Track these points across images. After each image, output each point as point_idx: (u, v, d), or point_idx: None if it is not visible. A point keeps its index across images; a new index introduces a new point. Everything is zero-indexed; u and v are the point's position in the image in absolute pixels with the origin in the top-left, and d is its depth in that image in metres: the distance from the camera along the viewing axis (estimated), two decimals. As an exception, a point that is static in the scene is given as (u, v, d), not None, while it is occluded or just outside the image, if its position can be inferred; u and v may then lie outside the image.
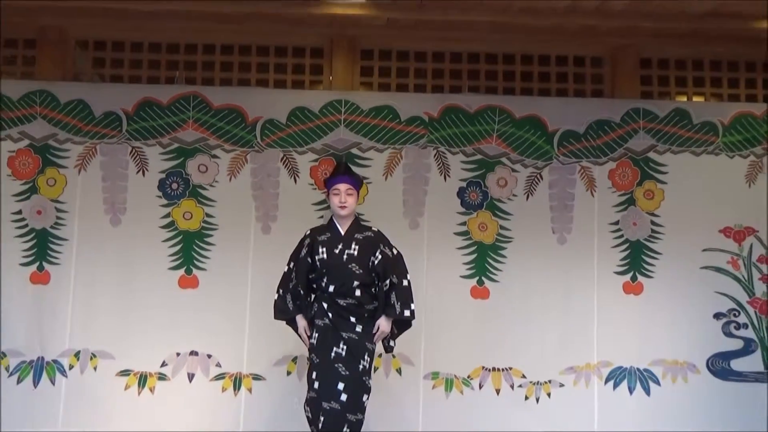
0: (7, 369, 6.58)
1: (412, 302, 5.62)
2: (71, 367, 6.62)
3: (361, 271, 5.58)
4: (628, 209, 6.95)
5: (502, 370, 6.77)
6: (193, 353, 6.67)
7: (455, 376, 6.74)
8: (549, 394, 6.75)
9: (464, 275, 6.82)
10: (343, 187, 5.65)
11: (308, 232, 5.76)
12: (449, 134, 6.93)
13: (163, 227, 6.78)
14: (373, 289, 5.63)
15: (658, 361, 6.82)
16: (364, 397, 5.46)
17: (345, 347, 5.45)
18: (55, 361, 6.62)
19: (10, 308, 6.63)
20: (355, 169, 6.65)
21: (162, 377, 6.65)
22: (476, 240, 6.88)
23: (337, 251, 5.58)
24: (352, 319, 5.53)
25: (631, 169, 6.98)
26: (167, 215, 6.80)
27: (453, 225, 6.87)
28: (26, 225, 6.74)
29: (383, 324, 5.59)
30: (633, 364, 6.81)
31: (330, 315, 5.51)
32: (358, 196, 5.76)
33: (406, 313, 5.56)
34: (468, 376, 6.75)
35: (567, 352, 6.79)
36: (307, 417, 5.51)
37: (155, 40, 7.19)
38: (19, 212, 6.75)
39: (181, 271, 6.75)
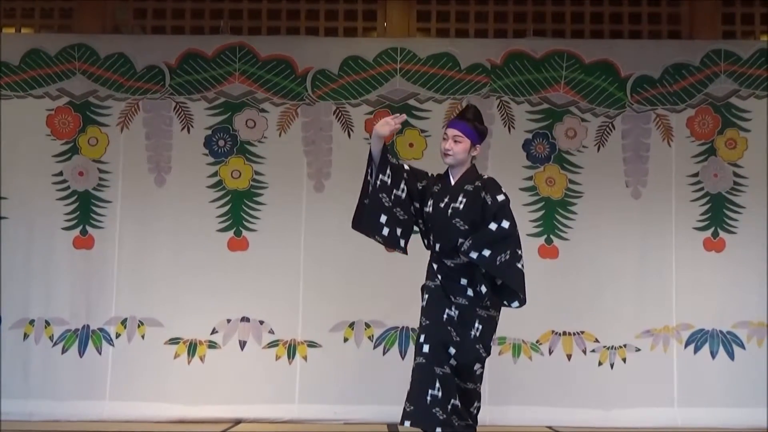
0: (51, 338, 6.59)
1: (495, 250, 4.88)
2: (118, 335, 6.62)
3: (467, 227, 5.01)
4: (708, 160, 6.77)
5: (574, 334, 6.68)
6: (245, 319, 6.64)
7: (523, 341, 6.66)
8: (624, 360, 6.63)
9: (531, 233, 6.61)
10: (451, 132, 5.06)
11: (432, 174, 5.16)
12: (513, 82, 6.80)
13: (211, 187, 6.72)
14: None
15: (742, 323, 6.65)
16: (476, 366, 5.01)
17: (457, 311, 5.02)
18: (101, 330, 6.62)
19: (53, 275, 6.63)
20: (413, 121, 6.79)
21: (212, 345, 6.62)
22: (544, 195, 6.76)
23: (442, 205, 5.07)
24: (463, 281, 5.04)
25: (712, 117, 6.77)
26: (214, 174, 6.73)
27: (518, 179, 6.71)
28: (68, 187, 6.71)
29: None
30: (715, 327, 6.66)
31: (439, 277, 5.08)
32: (472, 146, 5.06)
33: (473, 254, 4.85)
34: (537, 341, 6.66)
35: (643, 314, 6.66)
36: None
37: (199, -11, 7.20)
38: (60, 174, 6.72)
39: (230, 233, 6.69)
